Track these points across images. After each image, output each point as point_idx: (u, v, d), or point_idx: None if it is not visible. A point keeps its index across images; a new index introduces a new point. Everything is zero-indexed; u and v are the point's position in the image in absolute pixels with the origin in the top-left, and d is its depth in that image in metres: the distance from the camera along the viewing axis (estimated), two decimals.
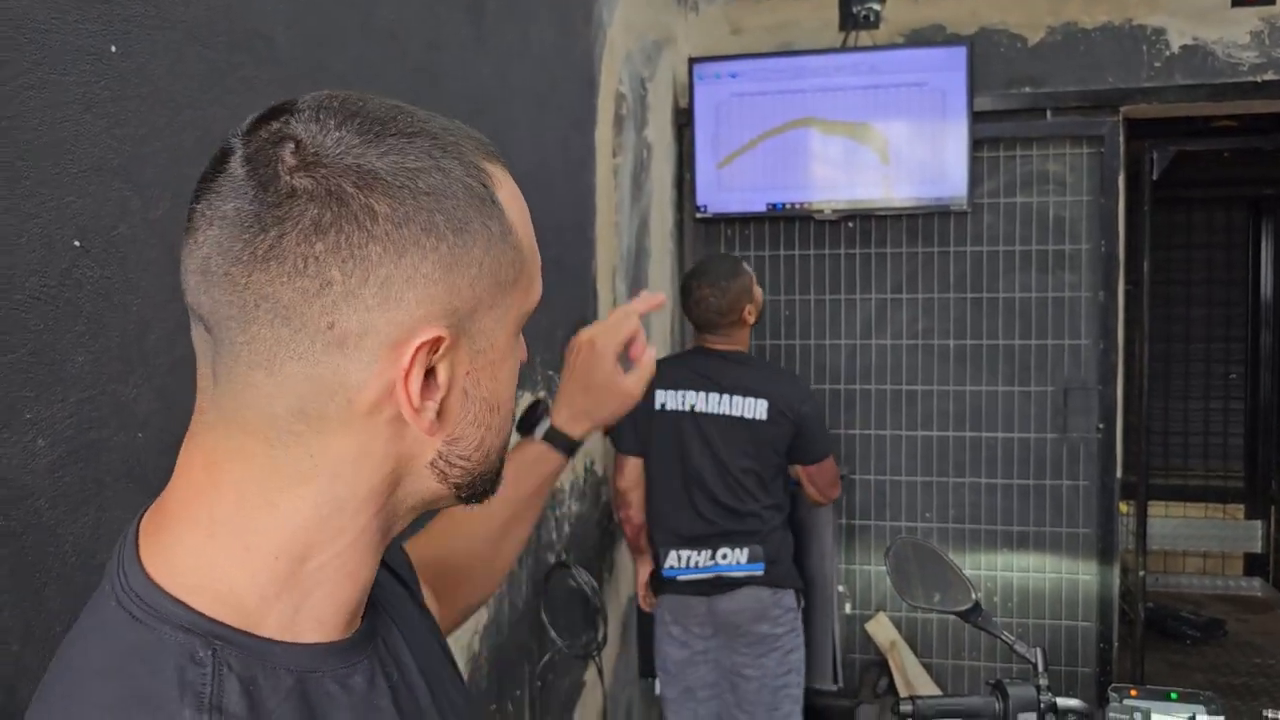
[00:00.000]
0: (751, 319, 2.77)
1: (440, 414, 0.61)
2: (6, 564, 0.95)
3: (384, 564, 0.72)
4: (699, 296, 2.71)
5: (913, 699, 1.47)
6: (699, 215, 3.58)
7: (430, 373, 0.60)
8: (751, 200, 3.53)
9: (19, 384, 0.96)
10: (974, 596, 1.48)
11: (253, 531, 0.59)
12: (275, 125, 0.58)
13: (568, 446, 1.08)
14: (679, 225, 3.68)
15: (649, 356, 1.07)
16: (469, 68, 1.97)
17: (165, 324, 1.15)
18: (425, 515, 0.71)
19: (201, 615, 0.56)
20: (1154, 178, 3.88)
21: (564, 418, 1.08)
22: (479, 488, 0.67)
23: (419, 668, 0.71)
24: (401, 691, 0.66)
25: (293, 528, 0.59)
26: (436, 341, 0.59)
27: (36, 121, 0.98)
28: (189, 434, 0.63)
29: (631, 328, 1.07)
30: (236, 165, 0.57)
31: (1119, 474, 3.50)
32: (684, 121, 3.61)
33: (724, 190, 3.54)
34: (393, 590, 0.76)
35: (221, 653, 0.55)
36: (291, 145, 0.57)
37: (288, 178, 0.56)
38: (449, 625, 0.99)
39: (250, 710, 0.55)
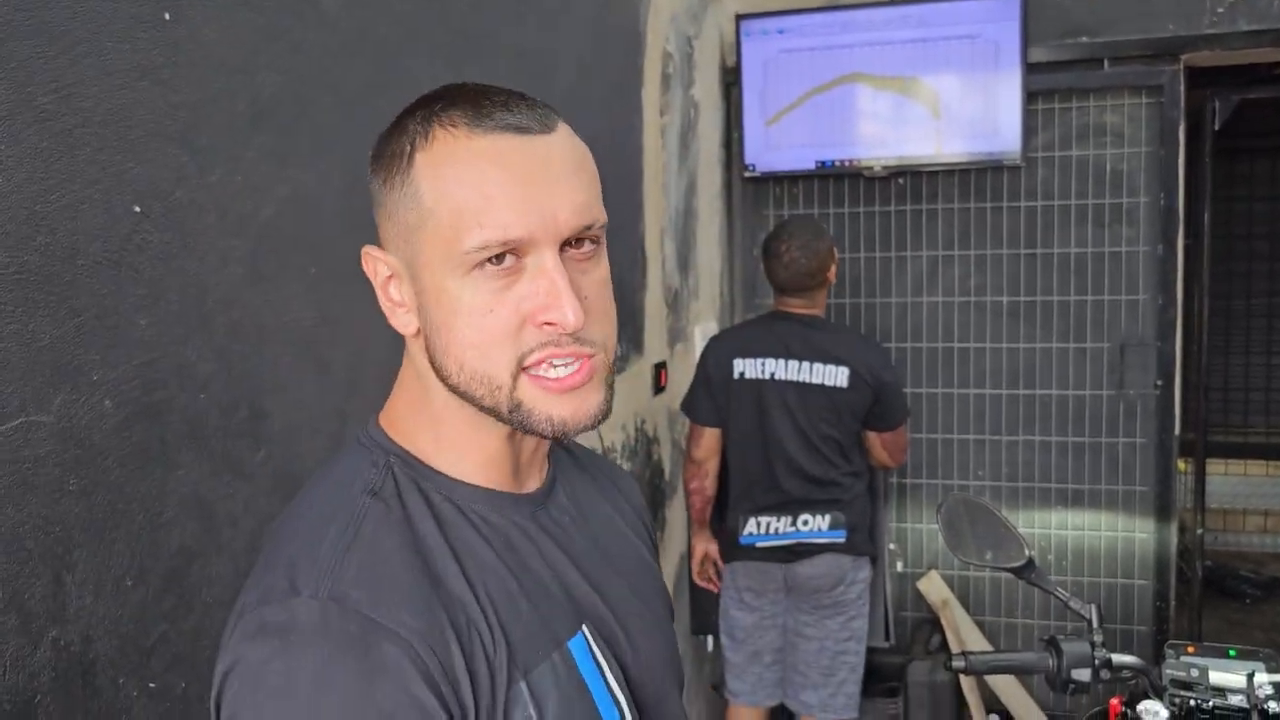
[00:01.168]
0: (832, 279, 2.75)
1: (411, 324, 0.83)
2: (78, 521, 0.99)
3: (588, 469, 1.01)
4: (789, 259, 2.65)
5: (965, 653, 1.47)
6: (747, 174, 3.55)
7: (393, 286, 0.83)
8: (800, 158, 3.49)
9: (86, 347, 0.99)
10: (1027, 553, 1.47)
11: (425, 403, 0.84)
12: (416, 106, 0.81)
13: None
14: (727, 185, 3.65)
15: None
16: (512, 28, 1.97)
17: (223, 287, 1.18)
18: None
19: (393, 442, 0.84)
20: (1216, 128, 3.77)
21: None
22: (486, 403, 0.80)
23: (574, 552, 0.88)
24: (549, 557, 0.85)
25: (430, 401, 0.84)
26: (376, 258, 0.83)
27: (95, 89, 1.00)
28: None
29: None
30: (399, 129, 0.80)
31: (1177, 431, 3.43)
32: (731, 80, 3.57)
33: (772, 149, 3.50)
34: (596, 490, 1.00)
35: (392, 462, 0.82)
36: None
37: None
38: None
39: (399, 500, 0.80)
